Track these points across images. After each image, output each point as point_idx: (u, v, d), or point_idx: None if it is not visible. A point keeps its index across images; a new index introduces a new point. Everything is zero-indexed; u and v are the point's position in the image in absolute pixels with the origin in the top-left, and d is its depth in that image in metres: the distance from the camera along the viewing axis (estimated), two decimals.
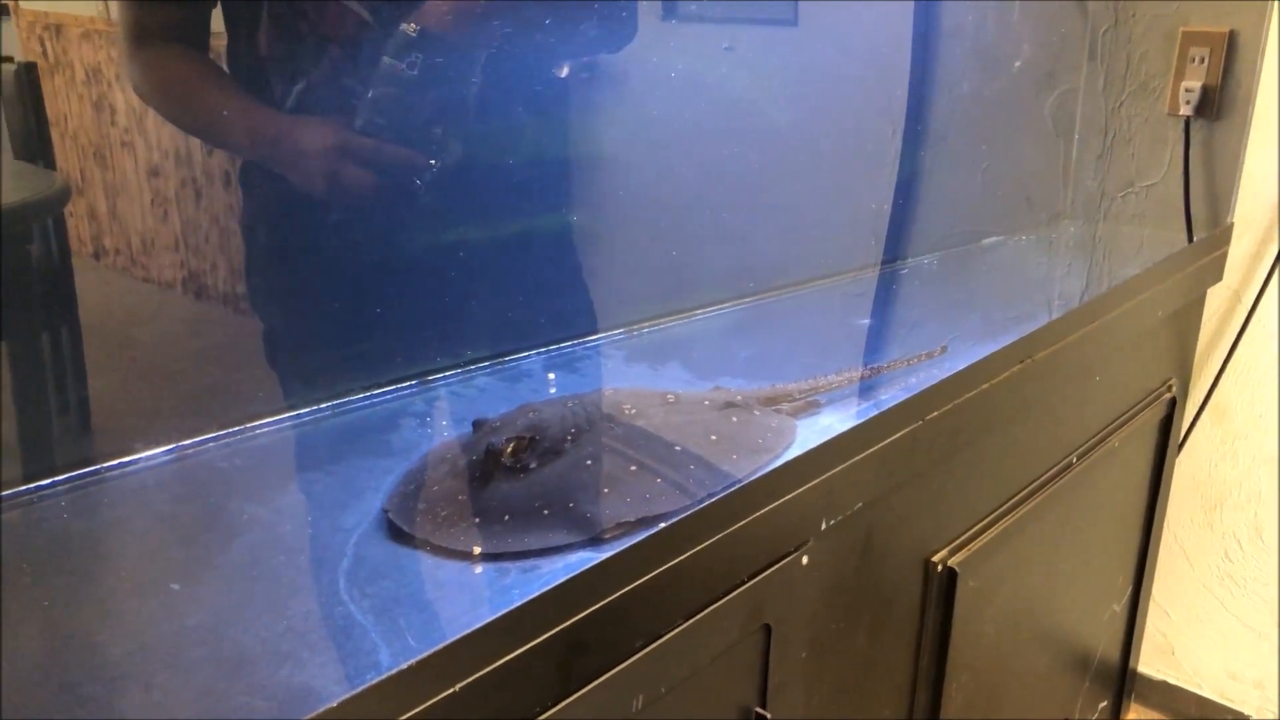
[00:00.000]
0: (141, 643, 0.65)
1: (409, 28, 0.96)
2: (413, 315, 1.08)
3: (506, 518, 0.79)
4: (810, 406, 1.04)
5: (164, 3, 0.94)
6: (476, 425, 0.90)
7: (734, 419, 0.97)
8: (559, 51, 1.12)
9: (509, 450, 0.83)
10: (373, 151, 0.98)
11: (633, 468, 0.85)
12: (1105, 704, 2.04)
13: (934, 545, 1.23)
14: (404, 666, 0.62)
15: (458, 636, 0.65)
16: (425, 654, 0.63)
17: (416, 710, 0.63)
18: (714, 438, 0.92)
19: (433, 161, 1.01)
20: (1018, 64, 1.90)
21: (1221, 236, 1.92)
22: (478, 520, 0.78)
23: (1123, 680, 2.10)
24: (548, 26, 1.08)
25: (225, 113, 0.99)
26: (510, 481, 0.82)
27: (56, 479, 0.85)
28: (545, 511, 0.79)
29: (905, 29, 1.73)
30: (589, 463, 0.85)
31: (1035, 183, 2.08)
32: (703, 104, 1.40)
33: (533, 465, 0.83)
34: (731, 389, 1.06)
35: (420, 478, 0.85)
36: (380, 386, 1.06)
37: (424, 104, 0.99)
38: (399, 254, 1.06)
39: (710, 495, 0.83)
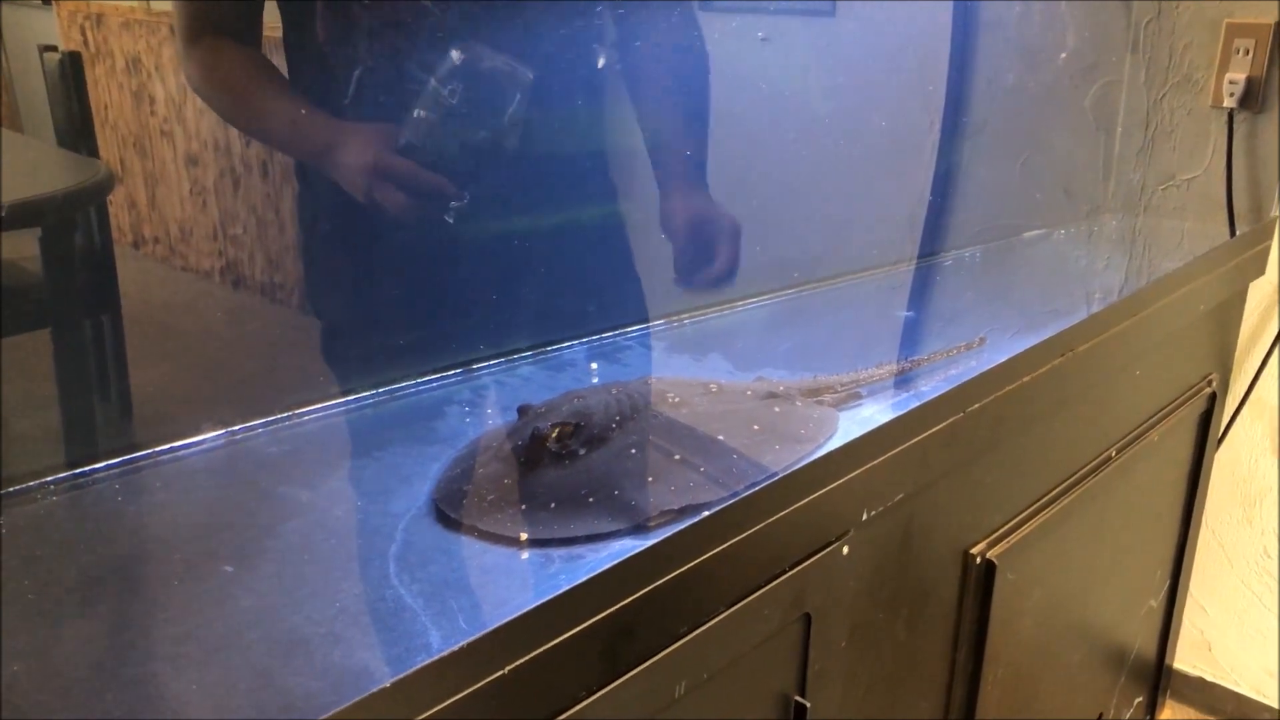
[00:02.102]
0: (196, 623, 0.66)
1: (455, 55, 0.96)
2: (458, 305, 1.09)
3: (552, 504, 0.79)
4: (852, 398, 1.04)
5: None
6: (522, 411, 0.90)
7: (776, 409, 0.97)
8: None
9: (554, 436, 0.84)
10: (407, 174, 0.98)
11: (676, 456, 0.86)
12: (1141, 700, 2.03)
13: (973, 537, 1.23)
14: (454, 649, 0.63)
15: (506, 620, 0.66)
16: (475, 637, 0.64)
17: (466, 692, 0.64)
18: (756, 427, 0.93)
19: (465, 196, 1.01)
20: (1064, 55, 1.88)
21: (1264, 230, 1.90)
22: (523, 506, 0.79)
23: (1159, 676, 2.09)
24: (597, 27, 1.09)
25: (275, 113, 0.99)
26: (555, 468, 0.83)
27: (111, 462, 0.87)
28: (590, 499, 0.80)
29: (944, 20, 1.73)
30: (633, 451, 0.86)
31: (1075, 176, 2.07)
32: (739, 95, 1.40)
33: (581, 452, 0.84)
34: (774, 379, 1.07)
35: (466, 463, 0.86)
36: (425, 375, 1.07)
37: (463, 133, 0.99)
38: (445, 246, 1.06)
39: (753, 485, 0.83)
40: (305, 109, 0.99)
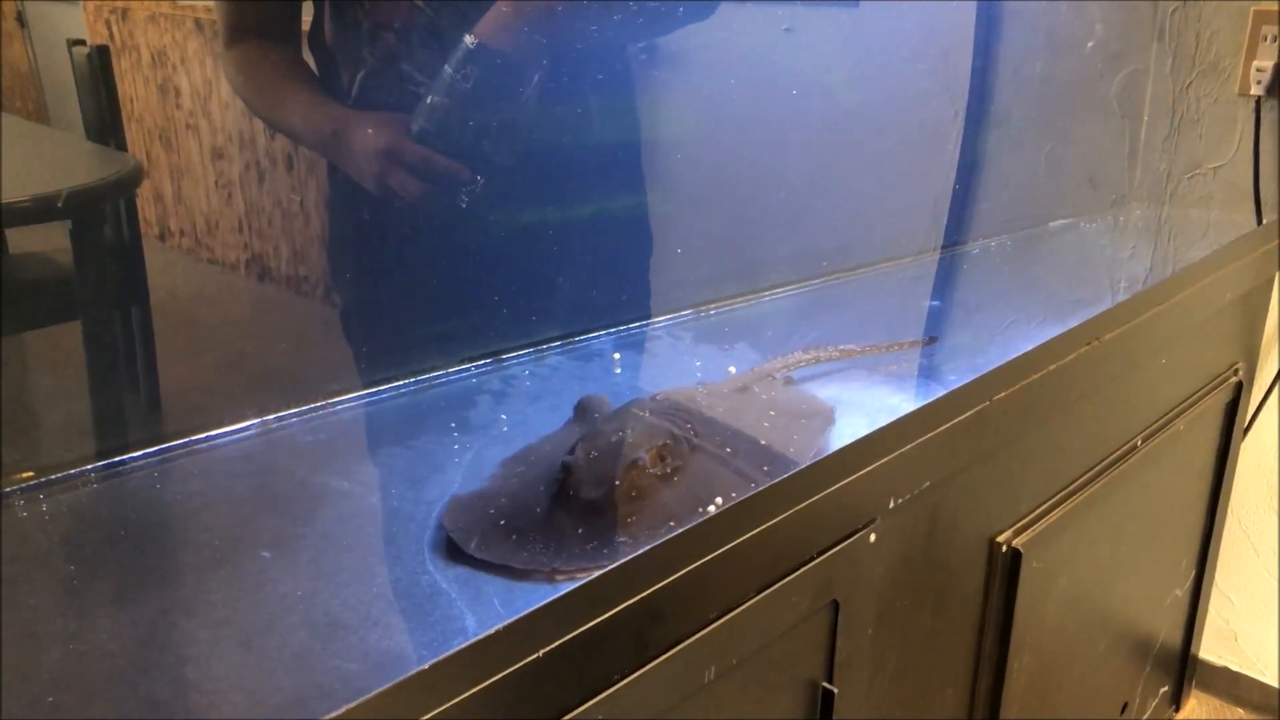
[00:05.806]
0: (236, 607, 0.67)
1: (469, 39, 0.95)
2: (488, 296, 1.10)
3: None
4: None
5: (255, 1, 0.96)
6: (566, 468, 0.82)
7: (789, 389, 0.97)
8: (644, 30, 1.13)
9: (649, 461, 0.81)
10: (422, 161, 0.98)
11: (763, 443, 0.85)
12: (1166, 689, 2.02)
13: (999, 525, 1.24)
14: (490, 632, 0.64)
15: (540, 605, 0.67)
16: (510, 620, 0.65)
17: (502, 674, 0.65)
18: (784, 413, 0.93)
19: (479, 178, 1.00)
20: (1091, 44, 1.88)
21: None
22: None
23: (1184, 666, 2.08)
24: (624, 12, 1.09)
25: (295, 106, 1.00)
26: (663, 489, 0.82)
27: (148, 451, 0.88)
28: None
29: (968, 8, 1.72)
30: (728, 450, 0.86)
31: (1099, 165, 2.06)
32: (763, 86, 1.40)
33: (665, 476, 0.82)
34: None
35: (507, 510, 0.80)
36: (456, 365, 1.08)
37: (477, 118, 0.98)
38: (476, 237, 1.07)
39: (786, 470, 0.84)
40: (321, 99, 1.00)
